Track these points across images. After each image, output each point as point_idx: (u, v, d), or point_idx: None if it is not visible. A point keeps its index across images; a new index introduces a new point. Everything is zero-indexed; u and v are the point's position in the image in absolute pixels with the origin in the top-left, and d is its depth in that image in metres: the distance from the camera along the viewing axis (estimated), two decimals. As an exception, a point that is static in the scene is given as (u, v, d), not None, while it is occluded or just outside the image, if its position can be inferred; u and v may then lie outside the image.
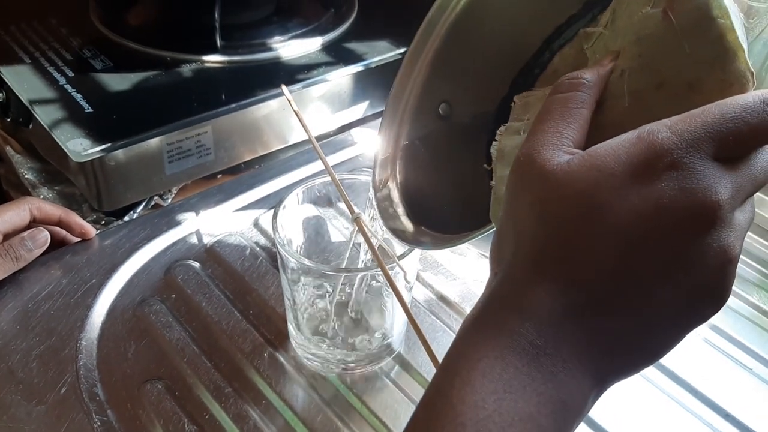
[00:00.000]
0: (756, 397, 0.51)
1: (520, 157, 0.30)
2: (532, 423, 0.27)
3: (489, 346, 0.28)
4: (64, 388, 0.48)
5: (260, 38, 0.75)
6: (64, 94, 0.66)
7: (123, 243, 0.60)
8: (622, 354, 0.29)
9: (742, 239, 0.28)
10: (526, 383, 0.27)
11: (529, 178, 0.30)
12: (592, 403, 0.29)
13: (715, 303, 0.29)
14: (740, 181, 0.27)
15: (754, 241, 0.65)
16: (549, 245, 0.29)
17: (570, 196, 0.28)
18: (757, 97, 0.27)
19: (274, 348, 0.52)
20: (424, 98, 0.44)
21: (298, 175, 0.69)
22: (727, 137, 0.27)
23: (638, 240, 0.27)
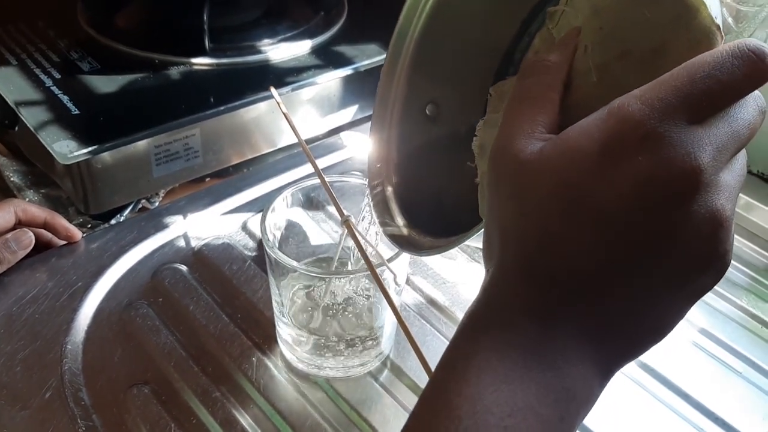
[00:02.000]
0: (745, 400, 0.51)
1: (494, 150, 0.30)
2: (531, 413, 0.27)
3: (485, 340, 0.28)
4: (48, 392, 0.47)
5: (249, 41, 0.75)
6: (51, 96, 0.65)
7: (109, 246, 0.59)
8: (622, 336, 0.29)
9: (733, 200, 0.27)
10: (523, 374, 0.27)
11: (505, 172, 0.30)
12: (599, 389, 0.29)
13: (714, 271, 0.28)
14: (721, 140, 0.26)
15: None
16: (532, 238, 0.28)
17: (547, 185, 0.28)
18: (724, 51, 0.26)
19: (262, 352, 0.52)
20: (409, 101, 0.44)
21: (287, 178, 0.68)
22: (700, 99, 0.26)
23: (622, 221, 0.26)
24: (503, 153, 0.30)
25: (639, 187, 0.26)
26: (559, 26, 0.33)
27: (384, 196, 0.43)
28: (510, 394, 0.27)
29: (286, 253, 0.51)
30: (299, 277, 0.48)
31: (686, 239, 0.26)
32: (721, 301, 0.59)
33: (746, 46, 0.26)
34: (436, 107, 0.43)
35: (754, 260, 0.63)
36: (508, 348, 0.28)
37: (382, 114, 0.44)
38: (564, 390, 0.27)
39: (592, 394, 0.29)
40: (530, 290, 0.28)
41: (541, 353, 0.27)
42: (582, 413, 0.28)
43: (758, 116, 0.28)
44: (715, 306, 0.58)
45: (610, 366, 0.29)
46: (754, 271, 0.62)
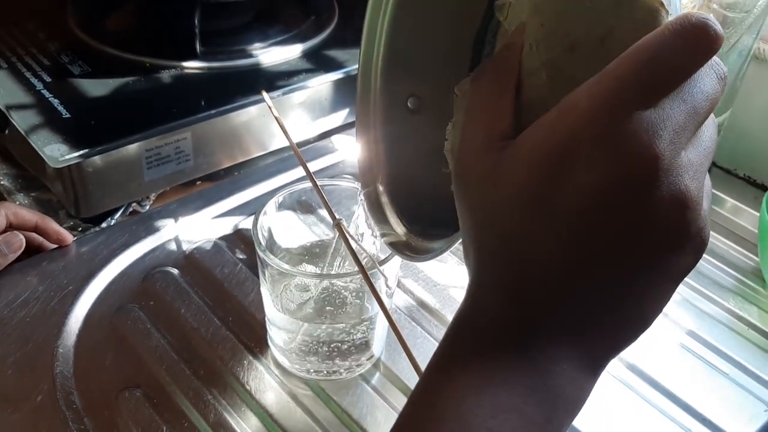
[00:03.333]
0: (732, 401, 0.52)
1: (454, 165, 0.30)
2: (516, 413, 0.27)
3: (469, 344, 0.29)
4: (40, 396, 0.47)
5: (240, 45, 0.75)
6: (42, 99, 0.65)
7: (100, 249, 0.59)
8: (604, 331, 0.28)
9: (699, 177, 0.27)
10: (507, 376, 0.27)
11: (465, 186, 0.30)
12: (589, 386, 0.29)
13: (691, 251, 0.27)
14: (677, 120, 0.26)
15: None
16: (501, 249, 0.28)
17: (508, 196, 0.28)
18: (666, 30, 0.25)
19: (253, 355, 0.52)
20: (389, 96, 0.43)
21: (278, 182, 0.68)
22: (647, 84, 0.25)
23: (585, 221, 0.26)
24: (461, 167, 0.30)
25: (597, 186, 0.26)
26: (508, 20, 0.32)
27: (378, 200, 0.43)
28: (493, 396, 0.27)
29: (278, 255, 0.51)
30: (290, 279, 0.48)
31: (653, 227, 0.26)
32: (709, 304, 0.60)
33: (688, 21, 0.25)
34: (418, 99, 0.43)
35: (741, 263, 0.64)
36: (491, 351, 0.28)
37: (364, 114, 0.43)
38: (549, 390, 0.27)
39: (581, 391, 0.29)
40: (506, 297, 0.28)
41: (524, 355, 0.27)
42: (572, 411, 0.29)
43: (717, 85, 0.27)
44: (703, 308, 0.59)
45: (598, 361, 0.29)
46: (741, 273, 0.63)
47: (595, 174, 0.25)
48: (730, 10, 0.54)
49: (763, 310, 0.59)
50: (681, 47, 0.25)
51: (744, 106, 0.68)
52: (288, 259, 0.53)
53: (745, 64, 0.59)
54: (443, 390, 0.28)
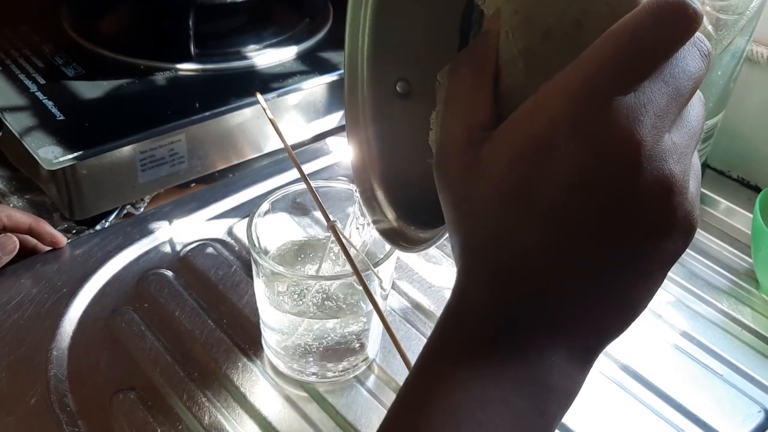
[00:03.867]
0: (725, 402, 0.52)
1: (435, 161, 0.30)
2: (506, 406, 0.26)
3: (457, 338, 0.29)
4: (34, 398, 0.47)
5: (235, 47, 0.75)
6: (36, 101, 0.65)
7: (95, 252, 0.59)
8: (594, 321, 0.28)
9: (684, 160, 0.26)
10: (496, 370, 0.27)
11: (446, 180, 0.29)
12: (581, 376, 0.29)
13: (680, 236, 0.27)
14: (659, 104, 0.25)
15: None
16: (486, 243, 0.28)
17: (487, 191, 0.27)
18: (642, 12, 0.24)
19: (248, 357, 0.52)
20: (377, 83, 0.42)
21: (272, 184, 0.68)
22: (625, 70, 0.24)
23: (568, 211, 0.26)
24: (443, 162, 0.29)
25: (579, 176, 0.25)
26: (486, 4, 0.31)
27: (373, 193, 0.42)
28: (482, 390, 0.27)
29: (272, 257, 0.51)
30: (285, 281, 0.48)
31: (638, 215, 0.26)
32: (702, 305, 0.60)
33: (664, 1, 0.24)
34: (407, 83, 0.41)
35: (735, 264, 0.64)
36: (480, 345, 0.28)
37: (353, 105, 0.42)
38: (539, 382, 0.27)
39: (573, 382, 0.28)
40: (492, 291, 0.28)
41: (513, 348, 0.27)
42: (564, 403, 0.28)
43: (701, 63, 0.26)
44: (696, 309, 0.59)
45: (589, 352, 0.28)
46: (735, 275, 0.63)
47: (575, 164, 0.25)
48: (722, 12, 0.55)
49: (757, 312, 0.59)
50: (658, 28, 0.24)
51: (737, 107, 0.68)
52: (282, 260, 0.53)
53: (738, 66, 0.59)
54: (432, 385, 0.28)
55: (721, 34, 0.56)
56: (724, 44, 0.56)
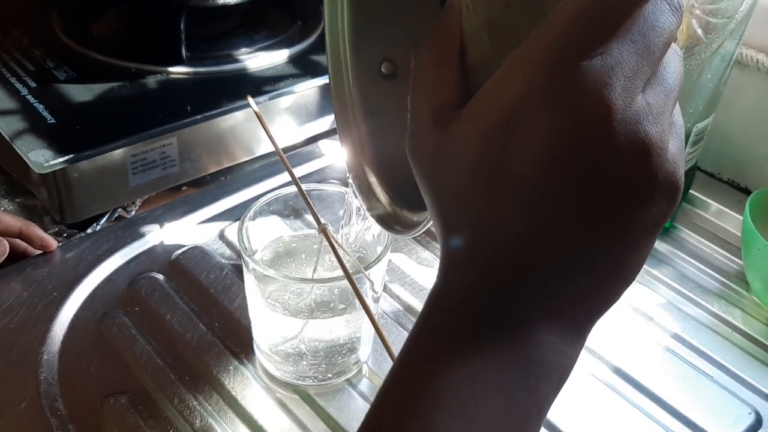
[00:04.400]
0: (716, 404, 0.52)
1: (407, 145, 0.29)
2: (495, 385, 0.26)
3: (441, 322, 0.28)
4: (24, 402, 0.47)
5: (226, 50, 0.75)
6: (26, 104, 0.65)
7: (86, 255, 0.59)
8: (582, 293, 0.27)
9: (661, 120, 0.25)
10: (484, 351, 0.26)
11: (419, 163, 0.29)
12: (574, 351, 0.28)
13: (664, 199, 0.26)
14: (628, 64, 0.24)
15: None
16: (462, 226, 0.28)
17: (461, 172, 0.27)
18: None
19: (239, 361, 0.52)
20: (361, 66, 0.40)
21: (264, 187, 0.68)
22: (588, 32, 0.24)
23: (543, 187, 0.25)
24: (414, 145, 0.29)
25: (550, 148, 0.24)
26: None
27: (366, 180, 0.42)
28: (469, 370, 0.26)
29: (263, 260, 0.51)
30: (276, 284, 0.48)
31: (615, 182, 0.25)
32: (693, 307, 0.60)
33: None
34: (392, 63, 0.41)
35: (725, 266, 0.65)
36: (466, 327, 0.27)
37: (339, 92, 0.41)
38: (530, 360, 0.26)
39: (566, 358, 0.28)
40: (476, 272, 0.27)
41: (501, 329, 0.27)
42: (557, 380, 0.28)
43: (671, 17, 0.25)
44: (687, 311, 0.59)
45: (581, 325, 0.28)
46: (725, 277, 0.63)
47: (545, 137, 0.24)
48: (712, 15, 0.55)
49: (748, 314, 0.60)
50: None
51: (727, 110, 0.68)
52: (273, 262, 0.53)
53: (727, 69, 0.60)
54: (418, 368, 0.27)
55: (710, 37, 0.56)
56: (713, 47, 0.56)
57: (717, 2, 0.54)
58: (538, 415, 0.27)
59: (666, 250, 0.66)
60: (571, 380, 0.50)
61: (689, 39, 0.56)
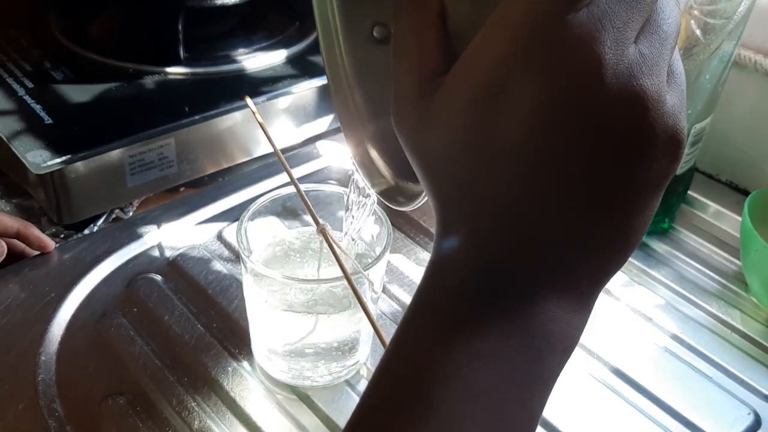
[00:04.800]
0: (715, 404, 0.52)
1: (392, 115, 0.28)
2: (494, 358, 0.25)
3: (438, 295, 0.27)
4: (22, 404, 0.47)
5: (224, 50, 0.75)
6: (24, 105, 0.65)
7: (83, 256, 0.59)
8: (585, 261, 0.26)
9: (657, 71, 0.24)
10: (480, 322, 0.25)
11: (406, 134, 0.28)
12: (578, 321, 0.27)
13: (664, 154, 0.24)
14: (618, 14, 0.23)
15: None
16: (454, 197, 0.27)
17: (449, 141, 0.26)
18: None
19: (238, 362, 0.51)
20: (351, 28, 0.39)
21: (262, 188, 0.68)
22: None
23: (534, 151, 0.24)
24: (399, 116, 0.28)
25: (540, 110, 0.23)
26: None
27: (365, 149, 0.41)
28: (466, 344, 0.25)
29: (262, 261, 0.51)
30: (274, 284, 0.48)
31: (610, 139, 0.24)
32: (692, 308, 0.60)
33: None
34: (383, 27, 0.39)
35: (724, 267, 0.65)
36: (462, 299, 0.26)
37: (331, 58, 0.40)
38: (529, 330, 0.25)
39: (569, 327, 0.26)
40: (471, 243, 0.26)
41: (498, 298, 0.26)
42: (561, 350, 0.27)
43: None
44: (686, 312, 0.59)
45: (585, 294, 0.27)
46: (724, 278, 0.63)
47: (533, 99, 0.23)
48: (710, 16, 0.55)
49: (746, 314, 0.60)
50: None
51: (725, 111, 0.68)
52: (272, 264, 0.53)
53: (726, 70, 0.60)
54: (415, 343, 0.26)
55: (709, 38, 0.56)
56: (712, 48, 0.56)
57: (715, 3, 0.54)
58: (543, 388, 0.26)
59: (665, 251, 0.66)
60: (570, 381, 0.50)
61: (688, 40, 0.56)
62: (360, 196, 0.45)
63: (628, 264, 0.64)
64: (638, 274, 0.63)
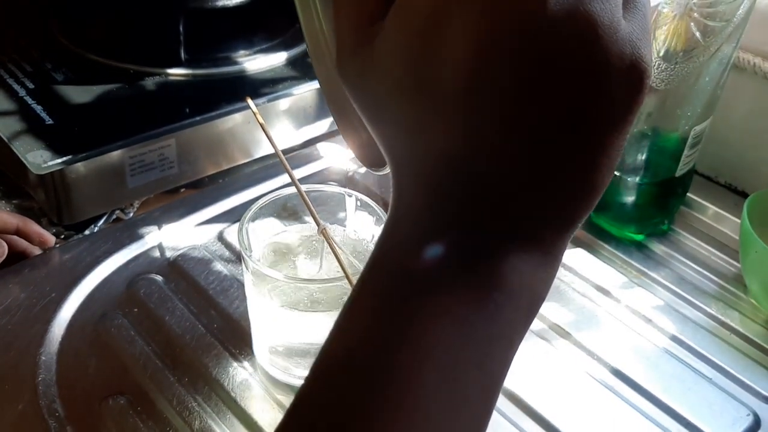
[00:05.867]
0: (715, 406, 0.52)
1: (336, 65, 0.26)
2: (448, 316, 0.24)
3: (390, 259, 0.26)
4: (22, 404, 0.47)
5: (225, 52, 0.75)
6: (24, 105, 0.65)
7: (84, 257, 0.59)
8: (544, 210, 0.24)
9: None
10: (435, 281, 0.24)
11: (351, 87, 0.26)
12: (543, 273, 0.25)
13: (621, 86, 0.22)
14: None
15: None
16: (404, 151, 0.25)
17: (391, 90, 0.24)
18: None
19: (238, 362, 0.51)
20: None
21: (262, 189, 0.68)
22: None
23: (475, 95, 0.22)
24: (341, 67, 0.26)
25: (476, 48, 0.22)
26: None
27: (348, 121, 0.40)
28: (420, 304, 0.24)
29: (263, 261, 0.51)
30: (276, 285, 0.48)
31: (559, 74, 0.22)
32: (691, 309, 0.60)
33: None
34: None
35: (723, 269, 0.65)
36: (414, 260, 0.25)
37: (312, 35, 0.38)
38: (487, 286, 0.24)
39: (534, 280, 0.25)
40: (419, 198, 0.25)
41: (452, 256, 0.24)
42: (525, 306, 0.25)
43: None
44: (685, 314, 0.60)
45: (547, 245, 0.25)
46: (723, 279, 0.63)
47: (471, 37, 0.21)
48: (710, 19, 0.55)
49: (745, 316, 0.60)
50: None
51: (724, 114, 0.68)
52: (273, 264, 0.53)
53: (725, 72, 0.60)
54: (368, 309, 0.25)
55: (708, 40, 0.56)
56: (711, 51, 0.57)
57: (715, 6, 0.55)
58: (505, 346, 0.25)
59: (664, 253, 0.66)
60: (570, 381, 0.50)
61: (688, 42, 0.56)
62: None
63: (627, 265, 0.64)
64: (638, 276, 0.63)
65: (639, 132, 0.62)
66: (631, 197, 0.64)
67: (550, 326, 0.57)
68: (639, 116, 0.61)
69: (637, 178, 0.63)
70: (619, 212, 0.65)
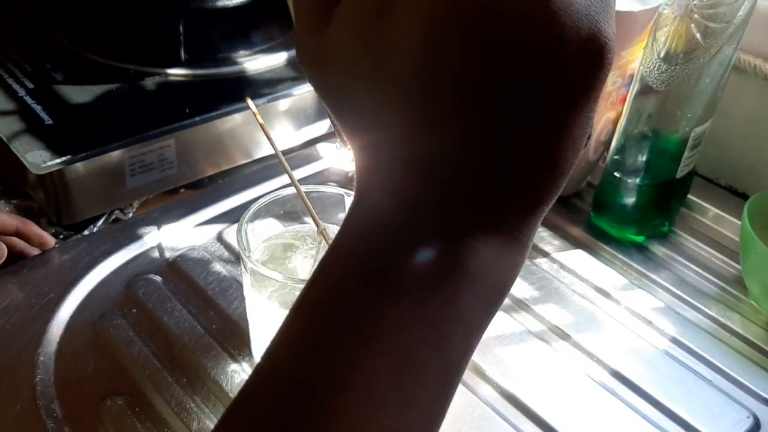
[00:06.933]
0: (715, 407, 0.52)
1: (296, 50, 0.26)
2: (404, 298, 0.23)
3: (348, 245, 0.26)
4: (20, 404, 0.47)
5: (225, 52, 0.75)
6: (24, 105, 0.65)
7: (82, 257, 0.59)
8: (498, 192, 0.23)
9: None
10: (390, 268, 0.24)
11: (310, 74, 0.26)
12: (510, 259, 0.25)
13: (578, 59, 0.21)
14: None
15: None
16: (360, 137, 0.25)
17: (343, 74, 0.24)
18: None
19: (237, 363, 0.51)
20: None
21: (262, 190, 0.68)
22: None
23: (427, 76, 0.22)
24: (300, 53, 0.26)
25: (425, 26, 0.21)
26: None
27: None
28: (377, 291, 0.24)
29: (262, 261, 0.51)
30: (275, 285, 0.48)
31: (511, 48, 0.21)
32: (692, 311, 0.60)
33: None
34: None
35: (724, 271, 0.65)
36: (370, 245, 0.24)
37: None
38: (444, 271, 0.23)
39: (496, 265, 0.24)
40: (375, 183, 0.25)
41: (407, 238, 0.24)
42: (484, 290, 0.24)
43: None
44: (685, 315, 0.59)
45: (509, 228, 0.24)
46: (723, 281, 0.63)
47: (417, 17, 0.21)
48: (710, 20, 0.55)
49: (746, 318, 0.60)
50: None
51: (725, 116, 0.68)
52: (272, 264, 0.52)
53: (725, 74, 0.60)
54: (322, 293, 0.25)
55: (708, 42, 0.56)
56: (711, 52, 0.57)
57: (716, 7, 0.54)
58: (464, 330, 0.24)
59: (664, 255, 0.66)
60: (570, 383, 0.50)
61: (688, 44, 0.56)
62: None
63: (627, 267, 0.64)
64: (638, 278, 0.63)
65: (639, 133, 0.62)
66: (631, 199, 0.64)
67: (550, 328, 0.57)
68: (639, 117, 0.61)
69: (638, 179, 0.63)
70: (620, 214, 0.65)
